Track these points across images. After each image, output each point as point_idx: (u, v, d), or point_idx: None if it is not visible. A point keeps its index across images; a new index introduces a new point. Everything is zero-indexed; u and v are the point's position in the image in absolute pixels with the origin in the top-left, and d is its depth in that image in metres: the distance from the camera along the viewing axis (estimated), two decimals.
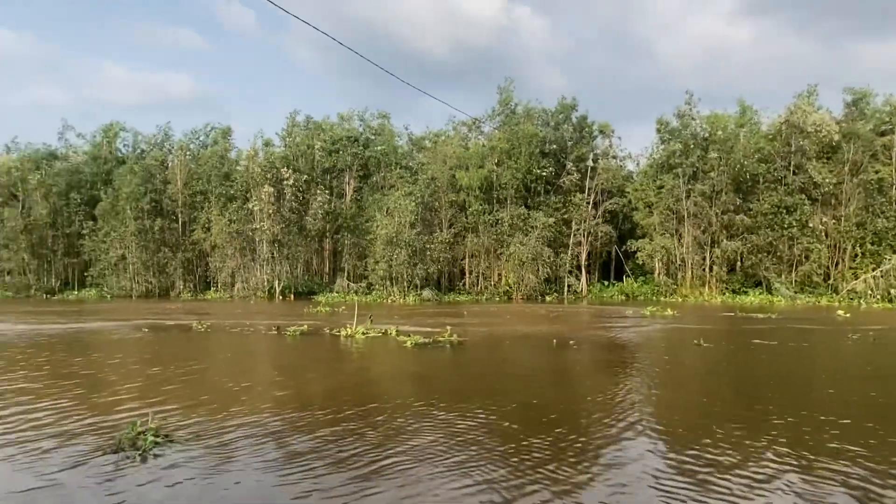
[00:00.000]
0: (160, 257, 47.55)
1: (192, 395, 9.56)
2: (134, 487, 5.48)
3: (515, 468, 5.95)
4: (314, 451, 6.53)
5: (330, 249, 49.04)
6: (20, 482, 5.57)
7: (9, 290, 48.65)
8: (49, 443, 6.84)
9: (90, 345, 16.96)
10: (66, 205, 49.76)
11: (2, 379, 11.00)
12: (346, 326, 18.65)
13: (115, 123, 54.65)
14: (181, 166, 48.97)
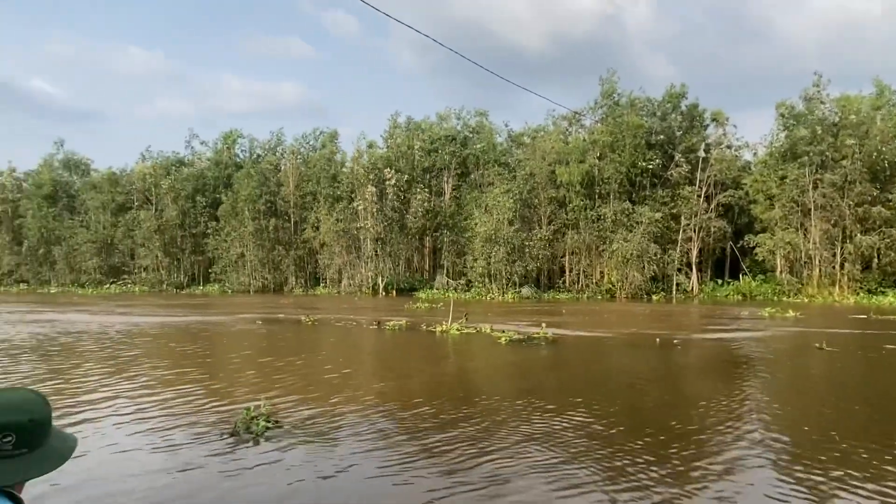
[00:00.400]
0: (274, 255, 50.77)
1: (299, 384, 10.02)
2: (248, 468, 5.83)
3: (616, 472, 5.62)
4: (415, 442, 6.58)
5: (430, 247, 49.95)
6: (152, 461, 6.05)
7: (145, 285, 54.05)
8: (175, 423, 7.45)
9: (212, 336, 18.35)
10: (193, 207, 54.43)
11: (138, 365, 12.18)
12: (441, 323, 18.87)
13: (234, 131, 59.25)
14: (292, 169, 51.97)
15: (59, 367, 11.93)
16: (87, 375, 10.82)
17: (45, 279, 58.81)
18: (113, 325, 20.94)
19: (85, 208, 58.77)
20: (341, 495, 5.18)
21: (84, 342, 15.92)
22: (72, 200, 60.87)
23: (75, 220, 58.35)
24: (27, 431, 1.67)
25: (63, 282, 57.27)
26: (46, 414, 1.74)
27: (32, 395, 1.76)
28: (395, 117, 53.01)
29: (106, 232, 56.38)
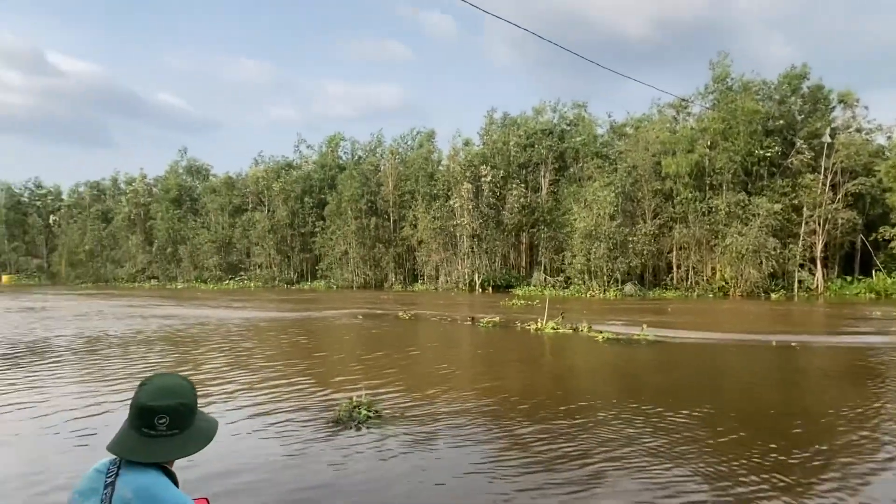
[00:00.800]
0: (375, 252, 52.50)
1: (397, 377, 10.24)
2: (350, 454, 6.04)
3: (727, 480, 5.09)
4: (511, 439, 6.42)
5: (527, 243, 49.48)
6: (268, 447, 6.33)
7: (259, 281, 57.79)
8: (284, 409, 7.83)
9: (318, 329, 19.16)
10: (301, 207, 57.46)
11: (253, 356, 12.95)
12: (536, 320, 18.55)
13: (337, 134, 61.98)
14: (391, 169, 53.45)
15: (186, 357, 12.95)
16: (209, 365, 11.64)
17: (172, 276, 64.51)
18: (231, 319, 22.47)
19: (206, 210, 63.82)
20: (438, 487, 5.17)
21: (206, 334, 17.21)
22: (194, 203, 66.33)
23: (198, 222, 63.52)
24: (178, 414, 1.81)
25: (188, 278, 62.53)
26: (194, 399, 1.90)
27: (183, 382, 1.91)
28: (492, 113, 53.07)
29: (224, 232, 60.89)
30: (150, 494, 1.67)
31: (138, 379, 9.66)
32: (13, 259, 76.85)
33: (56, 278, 72.44)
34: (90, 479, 1.77)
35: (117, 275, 68.10)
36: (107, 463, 1.79)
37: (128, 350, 13.58)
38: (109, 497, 1.67)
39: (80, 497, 1.74)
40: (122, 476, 1.72)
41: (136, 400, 1.78)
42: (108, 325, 19.43)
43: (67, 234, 72.43)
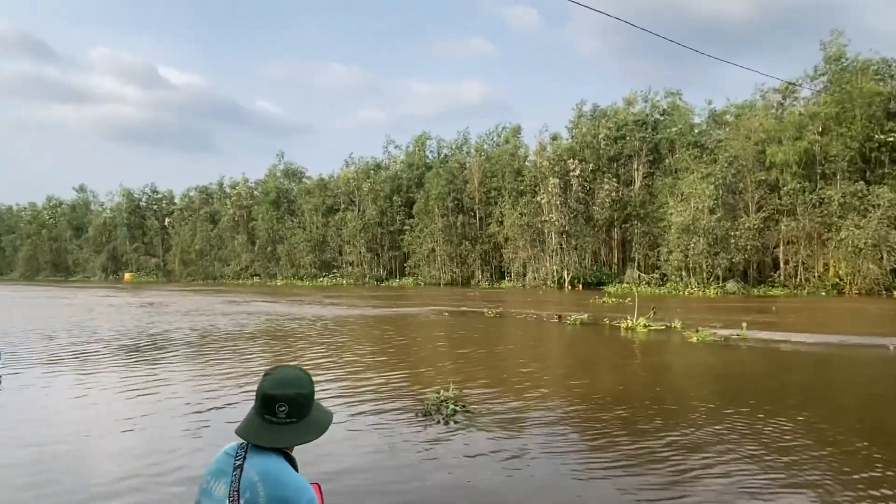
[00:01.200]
0: (461, 249, 52.98)
1: (482, 373, 10.30)
2: (438, 448, 6.17)
3: (846, 494, 4.71)
4: (602, 441, 6.21)
5: (619, 239, 48.05)
6: (356, 438, 6.54)
7: (351, 278, 60.01)
8: (374, 400, 8.11)
9: (406, 325, 19.57)
10: (390, 206, 59.03)
11: (345, 351, 13.44)
12: (625, 318, 17.93)
13: (423, 134, 63.19)
14: (476, 166, 53.68)
15: (285, 350, 13.66)
16: (306, 357, 12.20)
17: (272, 273, 68.35)
18: (325, 315, 23.45)
19: (301, 211, 67.06)
20: (525, 485, 5.11)
21: (303, 329, 18.06)
22: (291, 205, 69.90)
23: (294, 222, 66.89)
24: (296, 404, 1.93)
25: (286, 275, 66.03)
26: (311, 389, 2.01)
27: (302, 374, 2.03)
28: (581, 106, 51.88)
29: (318, 231, 63.72)
30: (274, 477, 1.80)
31: (245, 370, 10.44)
32: (134, 258, 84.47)
33: (171, 276, 78.84)
34: (220, 461, 1.92)
35: (224, 272, 73.06)
36: (235, 446, 1.92)
37: (235, 343, 14.52)
38: (238, 479, 1.80)
39: (212, 477, 1.89)
40: (248, 459, 1.85)
41: (260, 389, 1.93)
42: (217, 320, 20.91)
43: (180, 235, 78.59)
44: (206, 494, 1.85)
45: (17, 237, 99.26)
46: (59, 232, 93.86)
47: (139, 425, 7.19)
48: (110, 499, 4.87)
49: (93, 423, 7.39)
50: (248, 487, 1.77)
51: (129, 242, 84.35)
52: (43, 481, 5.32)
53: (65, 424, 7.32)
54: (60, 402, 8.67)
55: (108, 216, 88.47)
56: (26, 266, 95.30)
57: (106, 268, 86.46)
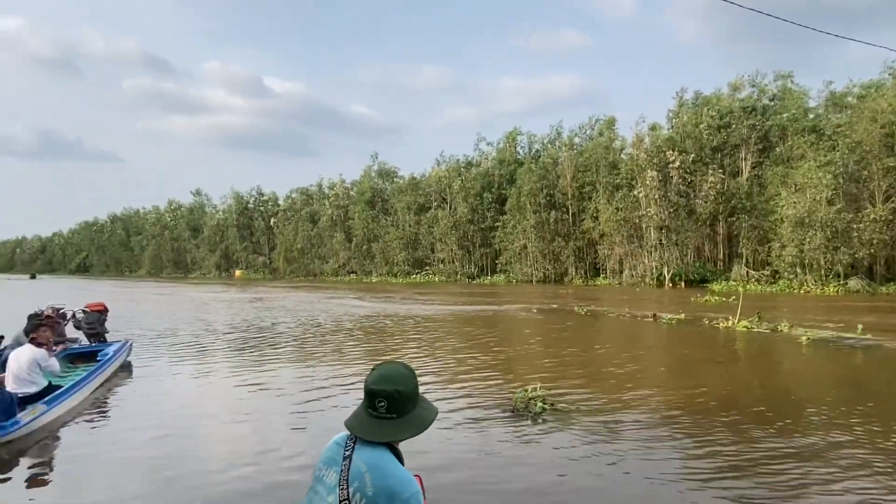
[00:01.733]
0: (554, 246, 52.17)
1: (570, 371, 10.12)
2: (524, 442, 6.19)
3: None
4: (696, 442, 5.82)
5: (724, 234, 45.28)
6: (445, 434, 6.55)
7: (442, 275, 60.89)
8: (464, 396, 8.21)
9: (496, 322, 19.45)
10: (481, 204, 59.25)
11: (436, 347, 13.60)
12: (726, 318, 16.74)
13: (514, 129, 62.78)
14: (569, 161, 52.61)
15: (380, 345, 14.05)
16: (400, 353, 12.48)
17: (367, 270, 70.81)
18: (418, 312, 23.88)
19: (394, 210, 68.91)
20: (619, 491, 4.93)
21: (398, 326, 18.51)
22: (385, 204, 72.06)
23: (388, 221, 68.92)
24: (394, 400, 1.98)
25: (381, 272, 68.15)
26: (413, 387, 2.05)
27: (403, 371, 2.07)
28: (681, 94, 49.39)
29: (411, 229, 65.19)
30: (380, 469, 1.89)
31: (343, 364, 10.83)
32: (244, 257, 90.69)
33: (276, 273, 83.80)
34: (331, 450, 2.04)
35: (323, 269, 76.63)
36: (345, 437, 2.04)
37: (335, 337, 15.12)
38: (347, 468, 1.91)
39: (324, 465, 2.01)
40: (357, 450, 1.96)
41: (365, 383, 2.04)
42: (318, 315, 21.88)
43: (284, 234, 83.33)
44: (319, 481, 1.99)
45: (144, 238, 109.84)
46: (179, 232, 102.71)
47: (249, 414, 7.69)
48: (222, 484, 5.21)
49: (208, 408, 8.09)
50: (356, 477, 1.88)
51: (239, 242, 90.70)
52: (165, 461, 5.83)
53: (185, 409, 8.08)
54: (182, 389, 9.51)
55: (221, 217, 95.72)
56: (151, 264, 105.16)
57: (219, 265, 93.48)
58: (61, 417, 7.40)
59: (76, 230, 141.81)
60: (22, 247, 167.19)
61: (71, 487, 5.34)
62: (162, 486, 5.20)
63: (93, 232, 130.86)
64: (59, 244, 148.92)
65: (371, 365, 10.83)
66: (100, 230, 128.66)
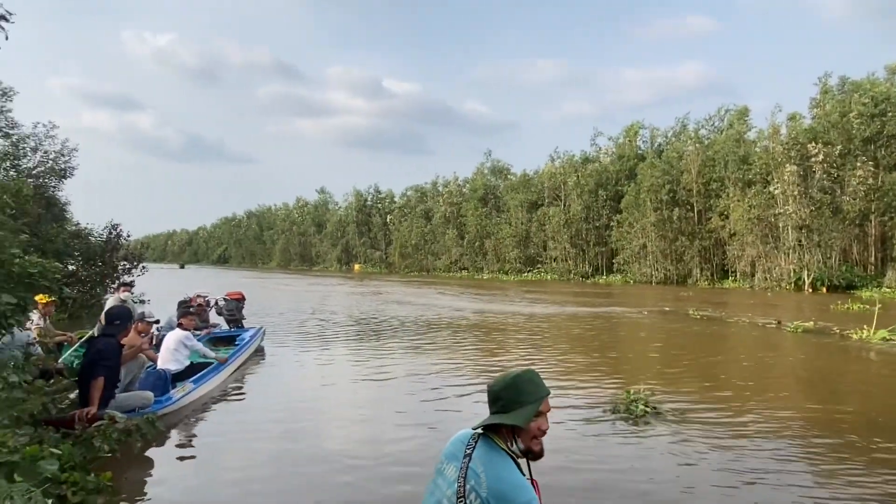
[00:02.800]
0: (677, 246, 49.52)
1: (674, 376, 10.00)
2: (620, 443, 6.28)
3: None
4: (811, 463, 5.21)
5: (876, 234, 40.52)
6: (553, 432, 6.52)
7: (555, 274, 60.02)
8: (566, 394, 8.48)
9: (608, 325, 18.86)
10: (596, 201, 57.64)
11: (545, 346, 13.48)
12: (863, 328, 14.88)
13: (635, 123, 60.31)
14: (695, 155, 49.63)
15: (491, 343, 14.13)
16: (513, 352, 12.53)
17: (479, 267, 71.54)
18: (528, 311, 23.76)
19: (507, 207, 68.96)
20: None
21: (511, 324, 18.55)
22: (497, 201, 72.33)
23: (500, 218, 69.15)
24: (506, 400, 2.06)
25: (492, 269, 68.57)
26: (527, 389, 2.09)
27: (523, 374, 2.13)
28: (825, 79, 44.79)
29: (523, 227, 64.92)
30: (495, 472, 1.93)
31: (455, 361, 11.13)
32: (362, 251, 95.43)
33: (392, 268, 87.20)
34: (454, 445, 2.10)
35: (436, 265, 78.55)
36: (469, 434, 2.09)
37: (449, 332, 15.50)
38: (466, 465, 1.97)
39: (446, 459, 2.08)
40: (477, 450, 2.00)
41: (489, 384, 2.14)
42: (432, 310, 22.46)
43: (399, 230, 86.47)
44: (440, 473, 2.07)
45: (275, 232, 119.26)
46: (305, 228, 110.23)
47: (367, 401, 8.32)
48: (337, 467, 5.60)
49: (330, 394, 8.83)
50: (473, 475, 1.93)
51: (358, 237, 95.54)
52: (289, 440, 6.45)
53: (310, 392, 8.90)
54: (307, 373, 10.39)
55: (342, 214, 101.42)
56: (281, 257, 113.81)
57: (340, 259, 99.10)
58: (205, 395, 8.32)
59: (217, 225, 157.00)
60: (172, 239, 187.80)
61: (208, 457, 6.06)
62: (283, 464, 5.69)
63: (231, 226, 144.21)
64: (203, 237, 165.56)
65: (482, 361, 11.26)
66: (237, 225, 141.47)
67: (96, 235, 22.02)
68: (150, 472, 5.69)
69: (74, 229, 21.87)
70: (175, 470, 5.78)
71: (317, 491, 5.09)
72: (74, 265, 20.29)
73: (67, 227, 21.50)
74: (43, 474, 3.19)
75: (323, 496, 5.00)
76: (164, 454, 6.16)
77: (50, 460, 3.29)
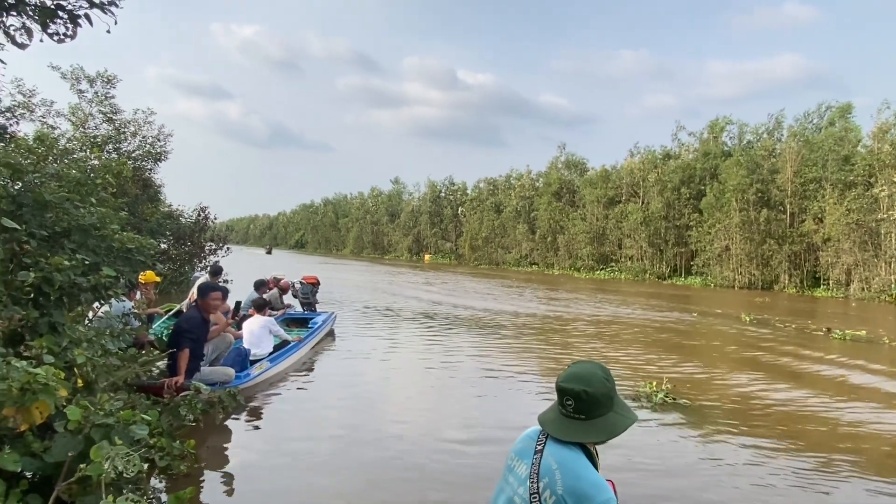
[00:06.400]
0: (764, 249, 46.67)
1: (704, 375, 10.19)
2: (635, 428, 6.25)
3: None
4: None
5: None
6: None
7: (629, 273, 58.16)
8: None
9: (681, 329, 18.02)
10: (677, 199, 55.22)
11: (626, 351, 13.12)
12: None
13: (722, 118, 57.12)
14: (791, 153, 46.45)
15: (552, 342, 13.90)
16: (580, 352, 12.26)
17: (549, 263, 70.45)
18: (598, 311, 23.24)
19: (582, 202, 67.42)
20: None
21: (580, 324, 18.20)
22: (572, 196, 70.84)
23: (575, 213, 67.72)
24: (581, 401, 1.89)
25: (563, 266, 67.35)
26: (605, 389, 1.93)
27: (597, 371, 1.96)
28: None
29: (599, 223, 63.26)
30: (572, 470, 1.82)
31: (522, 357, 11.25)
32: (433, 242, 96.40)
33: (461, 259, 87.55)
34: (524, 442, 2.02)
35: (505, 259, 78.11)
36: (538, 430, 2.00)
37: (517, 328, 15.39)
38: (538, 462, 1.88)
39: (517, 456, 2.00)
40: (548, 446, 1.91)
41: (557, 379, 1.99)
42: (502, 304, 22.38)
43: (470, 222, 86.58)
44: (511, 471, 2.00)
45: (350, 220, 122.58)
46: (379, 217, 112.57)
47: (432, 390, 8.51)
48: (398, 452, 5.74)
49: (397, 380, 9.06)
50: (546, 473, 1.85)
51: (430, 228, 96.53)
52: (354, 423, 6.70)
53: (377, 377, 9.19)
54: (376, 359, 10.65)
55: (415, 204, 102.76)
56: (354, 244, 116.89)
57: (410, 249, 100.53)
58: (280, 373, 8.78)
59: (296, 211, 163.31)
60: (254, 223, 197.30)
61: (279, 431, 6.39)
62: (347, 444, 5.92)
63: (309, 213, 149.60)
64: (282, 222, 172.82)
65: (547, 359, 11.06)
66: (314, 212, 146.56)
67: (186, 217, 23.40)
68: (227, 441, 6.00)
69: (167, 210, 23.34)
70: (250, 440, 6.12)
71: (374, 476, 5.22)
72: (166, 244, 21.64)
73: (161, 208, 22.95)
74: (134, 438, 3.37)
75: (378, 476, 5.16)
76: (241, 426, 6.51)
77: (140, 425, 3.46)
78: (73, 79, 22.56)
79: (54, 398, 3.20)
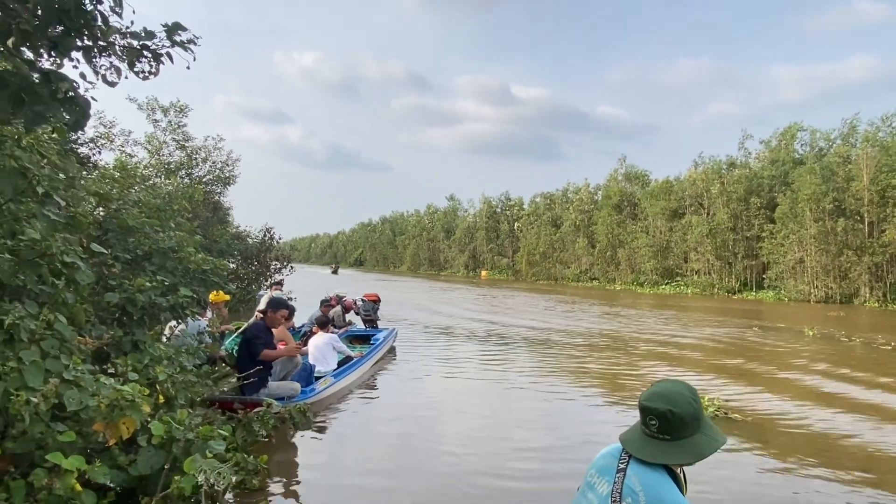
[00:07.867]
0: (842, 261, 43.90)
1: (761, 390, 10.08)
2: None
3: None
4: None
5: None
6: None
7: (696, 288, 55.96)
8: None
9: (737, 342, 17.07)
10: (746, 209, 52.87)
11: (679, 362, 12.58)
12: None
13: (793, 125, 54.56)
14: (867, 160, 43.73)
15: (624, 360, 13.55)
16: (641, 368, 11.88)
17: (611, 278, 68.84)
18: (666, 329, 22.55)
19: (644, 215, 65.67)
20: None
21: (644, 342, 17.75)
22: (633, 209, 69.16)
23: (637, 226, 66.01)
24: (666, 420, 1.81)
25: (625, 280, 65.61)
26: (691, 409, 1.85)
27: (682, 391, 1.88)
28: None
29: (662, 237, 61.38)
30: (656, 492, 1.74)
31: (583, 375, 11.10)
32: (489, 258, 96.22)
33: (518, 274, 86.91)
34: (605, 458, 1.96)
35: (564, 274, 76.92)
36: (620, 448, 1.92)
37: (579, 347, 15.12)
38: (621, 482, 1.81)
39: (597, 473, 1.93)
40: (631, 465, 1.83)
41: (640, 397, 1.93)
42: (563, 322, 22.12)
43: (526, 237, 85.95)
44: (591, 488, 1.93)
45: (406, 237, 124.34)
46: (435, 234, 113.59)
47: (490, 410, 8.53)
48: (456, 471, 5.74)
49: (455, 398, 9.13)
50: (629, 493, 1.78)
51: (486, 244, 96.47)
52: (412, 440, 6.80)
53: (436, 394, 9.25)
54: (435, 376, 10.76)
55: (471, 221, 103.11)
56: (411, 261, 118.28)
57: (467, 265, 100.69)
58: (343, 388, 9.00)
59: (355, 229, 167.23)
60: (315, 242, 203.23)
61: (344, 448, 6.55)
62: (410, 464, 5.96)
63: (367, 231, 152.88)
64: (342, 241, 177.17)
65: (609, 381, 10.76)
66: (372, 230, 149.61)
67: (253, 237, 24.42)
68: (295, 456, 6.15)
69: (235, 231, 24.43)
70: (316, 456, 6.29)
71: (437, 501, 5.22)
72: (234, 263, 22.63)
73: (229, 229, 24.06)
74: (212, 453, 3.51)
75: (440, 499, 5.18)
76: (307, 441, 6.70)
77: (218, 441, 3.60)
78: (149, 109, 24.16)
79: (140, 414, 3.39)
